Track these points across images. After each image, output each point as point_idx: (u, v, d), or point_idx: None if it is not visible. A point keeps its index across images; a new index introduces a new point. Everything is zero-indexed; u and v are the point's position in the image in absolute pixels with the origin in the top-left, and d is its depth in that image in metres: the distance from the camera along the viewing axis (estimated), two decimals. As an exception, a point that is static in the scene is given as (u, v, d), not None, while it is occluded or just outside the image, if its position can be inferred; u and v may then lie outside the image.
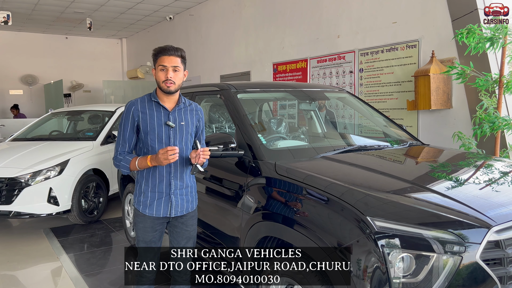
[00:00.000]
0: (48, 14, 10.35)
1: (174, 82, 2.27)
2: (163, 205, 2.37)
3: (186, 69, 2.37)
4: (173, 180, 2.36)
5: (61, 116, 6.91)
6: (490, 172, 2.60)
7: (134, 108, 2.34)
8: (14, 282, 3.83)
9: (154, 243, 2.44)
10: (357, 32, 5.92)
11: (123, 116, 2.36)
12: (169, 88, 2.27)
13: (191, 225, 2.49)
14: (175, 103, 2.38)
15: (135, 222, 2.45)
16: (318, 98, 4.06)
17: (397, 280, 1.74)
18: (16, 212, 4.76)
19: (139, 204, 2.39)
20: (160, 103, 2.34)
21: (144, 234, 2.41)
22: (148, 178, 2.36)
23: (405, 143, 3.24)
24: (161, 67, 2.27)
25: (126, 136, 2.35)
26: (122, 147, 2.37)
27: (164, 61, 2.26)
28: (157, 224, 2.41)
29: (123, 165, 2.35)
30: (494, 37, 3.77)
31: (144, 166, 2.29)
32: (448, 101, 4.80)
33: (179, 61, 2.29)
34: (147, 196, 2.37)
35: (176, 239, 2.48)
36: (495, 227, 1.81)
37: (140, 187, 2.40)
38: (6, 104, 12.20)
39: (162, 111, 2.34)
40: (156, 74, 2.31)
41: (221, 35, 9.04)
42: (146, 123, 2.32)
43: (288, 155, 2.76)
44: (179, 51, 2.30)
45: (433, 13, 4.96)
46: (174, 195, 2.37)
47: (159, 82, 2.29)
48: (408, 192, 2.13)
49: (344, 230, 1.92)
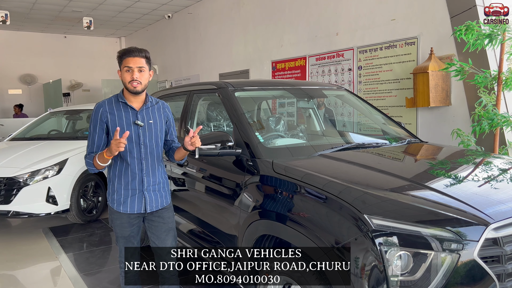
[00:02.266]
0: (47, 13, 10.33)
1: (140, 82, 2.34)
2: (137, 201, 2.42)
3: (151, 69, 2.44)
4: (145, 177, 2.42)
5: (59, 116, 6.90)
6: (489, 169, 2.59)
7: (102, 109, 2.39)
8: (13, 281, 3.82)
9: (133, 237, 2.50)
10: (355, 29, 5.91)
11: (92, 119, 2.42)
12: (135, 88, 2.33)
13: (168, 217, 2.54)
14: (142, 102, 2.44)
15: (112, 219, 2.50)
16: (317, 96, 4.05)
17: (395, 278, 1.74)
18: (14, 212, 4.75)
19: (113, 202, 2.44)
20: (128, 103, 2.40)
21: (122, 230, 2.46)
22: (121, 176, 2.41)
23: (403, 141, 3.23)
24: (126, 68, 2.33)
25: (95, 138, 2.40)
26: (91, 148, 2.41)
27: (129, 62, 2.32)
28: (133, 219, 2.46)
29: (88, 162, 2.40)
30: (492, 34, 3.75)
31: (103, 159, 2.31)
32: (447, 98, 4.79)
33: (144, 62, 2.35)
34: (120, 194, 2.42)
35: (155, 233, 2.52)
36: (492, 225, 1.80)
37: (113, 185, 2.44)
38: (5, 104, 12.19)
39: (130, 111, 2.40)
40: (122, 76, 2.37)
41: (219, 33, 9.02)
42: (115, 123, 2.36)
43: (286, 153, 2.75)
44: (143, 52, 2.37)
45: (431, 10, 4.94)
46: (147, 191, 2.43)
47: (125, 83, 2.36)
48: (406, 190, 2.12)
49: (342, 228, 1.91)
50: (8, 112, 11.98)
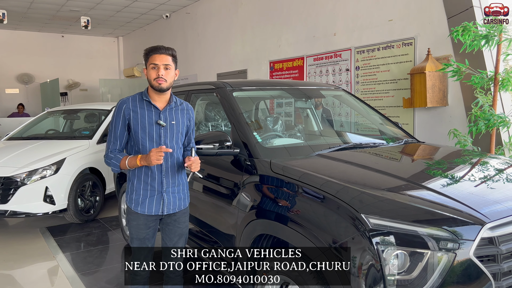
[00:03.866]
0: (44, 12, 10.30)
1: (166, 80, 2.30)
2: (155, 203, 2.38)
3: (177, 68, 2.40)
4: (164, 179, 2.37)
5: (57, 115, 6.89)
6: (485, 169, 2.61)
7: (126, 106, 2.35)
8: (10, 281, 3.82)
9: (148, 240, 2.45)
10: (353, 30, 5.93)
11: (115, 114, 2.37)
12: (160, 86, 2.29)
13: (183, 222, 2.51)
14: (166, 102, 2.40)
15: (128, 220, 2.46)
16: (314, 96, 4.06)
17: (392, 277, 1.75)
18: (12, 212, 4.74)
19: (131, 202, 2.40)
20: (152, 102, 2.36)
21: (137, 232, 2.42)
22: (140, 176, 2.37)
23: (400, 141, 3.24)
24: (152, 65, 2.29)
25: (117, 134, 2.36)
26: (114, 144, 2.37)
27: (156, 59, 2.28)
28: (150, 221, 2.42)
29: (113, 163, 2.35)
30: (489, 35, 3.78)
31: (134, 165, 2.30)
32: (443, 98, 4.81)
33: (170, 60, 2.32)
34: (139, 194, 2.38)
35: (169, 236, 2.49)
36: (488, 224, 1.81)
37: (133, 185, 2.40)
38: (2, 103, 12.15)
39: (153, 110, 2.36)
40: (147, 73, 2.33)
41: (217, 33, 9.03)
42: (137, 121, 2.33)
43: (283, 153, 2.76)
44: (170, 50, 2.33)
45: (429, 11, 4.96)
46: (166, 193, 2.39)
47: (150, 80, 2.31)
48: (403, 190, 2.14)
49: (339, 227, 1.92)
50: (5, 111, 11.94)
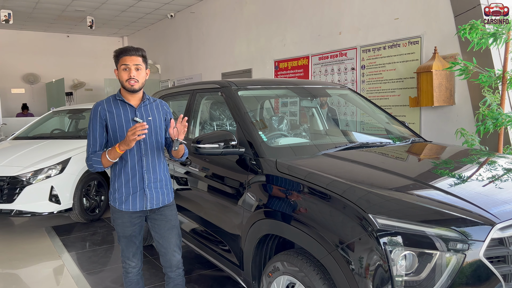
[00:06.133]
0: (49, 13, 10.35)
1: (138, 80, 2.35)
2: (139, 199, 2.41)
3: (147, 68, 2.44)
4: (145, 174, 2.40)
5: (62, 115, 6.91)
6: (494, 169, 2.57)
7: (101, 108, 2.39)
8: (15, 280, 3.83)
9: (135, 237, 2.49)
10: (359, 28, 5.89)
11: (91, 118, 2.41)
12: (133, 87, 2.34)
13: (171, 215, 2.52)
14: (140, 100, 2.45)
15: (113, 219, 2.49)
16: (320, 95, 4.03)
17: (400, 278, 1.72)
18: (17, 211, 4.76)
19: (115, 201, 2.43)
20: (126, 101, 2.40)
21: (123, 230, 2.45)
22: (121, 174, 2.40)
23: (407, 140, 3.21)
24: (123, 66, 2.34)
25: (96, 136, 2.39)
26: (93, 147, 2.39)
27: (126, 60, 2.33)
28: (135, 218, 2.45)
29: (95, 160, 2.35)
30: (497, 33, 3.73)
31: (114, 155, 2.29)
32: (450, 97, 4.76)
33: (141, 60, 2.36)
34: (121, 192, 2.41)
35: (159, 232, 2.51)
36: (498, 224, 1.78)
37: (114, 184, 2.44)
38: (8, 103, 12.21)
39: (129, 108, 2.41)
40: (119, 74, 2.37)
41: (222, 32, 9.02)
42: (114, 121, 2.37)
43: (289, 153, 2.74)
44: (140, 51, 2.38)
45: (435, 9, 4.92)
46: (148, 188, 2.42)
47: (122, 81, 2.36)
48: (411, 189, 2.11)
49: (346, 227, 1.90)
50: (10, 111, 12.00)
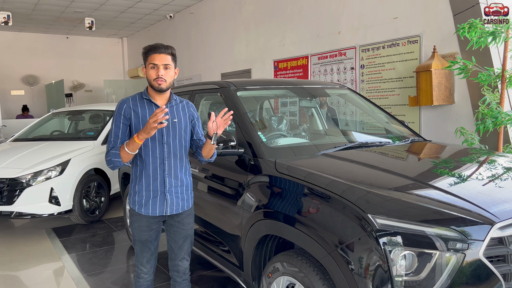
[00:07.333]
0: (49, 14, 10.34)
1: (165, 80, 2.26)
2: (159, 203, 2.33)
3: (177, 67, 2.36)
4: (167, 178, 2.33)
5: (62, 116, 6.91)
6: (493, 168, 2.57)
7: (126, 105, 2.31)
8: (16, 282, 3.83)
9: (151, 242, 2.41)
10: (358, 28, 5.89)
11: (115, 114, 2.33)
12: (160, 86, 2.26)
13: (188, 224, 2.46)
14: (167, 100, 2.37)
15: (131, 222, 2.42)
16: (319, 95, 4.03)
17: (399, 278, 1.72)
18: (17, 213, 4.76)
19: (135, 204, 2.36)
20: (152, 100, 2.33)
21: (139, 234, 2.38)
22: (142, 176, 2.33)
23: (407, 140, 3.21)
24: (151, 65, 2.25)
25: (118, 133, 2.29)
26: (114, 143, 2.29)
27: (155, 59, 2.24)
28: (153, 223, 2.38)
29: (113, 154, 2.23)
30: (496, 32, 3.72)
31: (133, 146, 2.17)
32: (450, 96, 4.76)
33: (170, 59, 2.27)
34: (141, 195, 2.34)
35: (173, 238, 2.45)
36: (498, 224, 1.78)
37: (135, 186, 2.37)
38: (7, 104, 12.21)
39: (154, 108, 2.32)
40: (147, 73, 2.29)
41: (221, 33, 9.02)
42: (139, 120, 2.29)
43: (288, 153, 2.74)
44: (170, 49, 2.29)
45: (434, 8, 4.91)
46: (169, 193, 2.34)
47: (150, 80, 2.28)
48: (410, 189, 2.10)
49: (346, 228, 1.89)
50: (10, 113, 12.00)
